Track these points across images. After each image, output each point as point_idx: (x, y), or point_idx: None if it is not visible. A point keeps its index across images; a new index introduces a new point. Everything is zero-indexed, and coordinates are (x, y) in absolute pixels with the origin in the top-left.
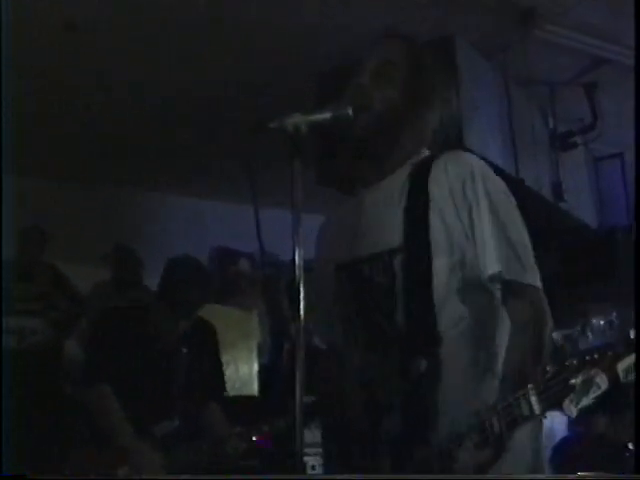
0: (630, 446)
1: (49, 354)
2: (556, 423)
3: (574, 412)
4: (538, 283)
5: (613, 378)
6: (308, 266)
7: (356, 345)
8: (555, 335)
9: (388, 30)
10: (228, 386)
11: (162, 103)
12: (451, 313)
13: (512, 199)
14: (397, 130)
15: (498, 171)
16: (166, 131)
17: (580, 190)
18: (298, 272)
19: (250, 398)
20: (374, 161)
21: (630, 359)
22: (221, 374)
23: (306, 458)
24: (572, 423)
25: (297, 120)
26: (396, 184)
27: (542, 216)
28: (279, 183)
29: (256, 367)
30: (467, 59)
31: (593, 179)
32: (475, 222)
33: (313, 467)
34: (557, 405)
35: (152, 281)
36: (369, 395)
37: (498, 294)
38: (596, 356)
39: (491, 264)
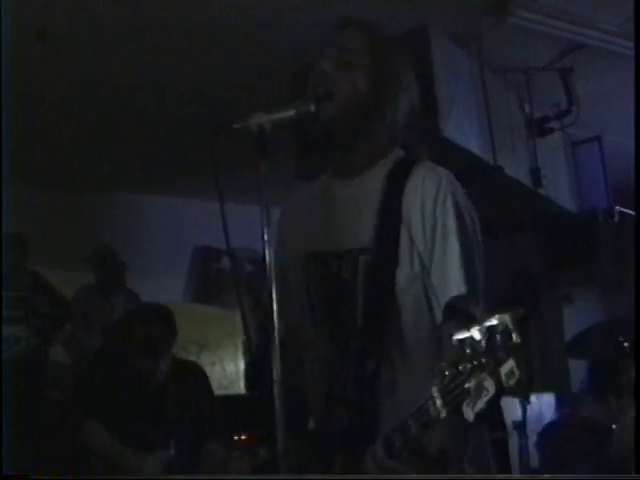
0: (614, 427)
1: (35, 361)
2: (544, 407)
3: (472, 416)
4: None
5: (498, 382)
6: (277, 240)
7: (319, 334)
8: (454, 339)
9: (345, 18)
10: (214, 385)
11: (142, 105)
12: (407, 320)
13: (478, 227)
14: (364, 119)
15: (476, 159)
16: (146, 133)
17: (558, 175)
18: (269, 270)
19: (237, 396)
20: (344, 152)
21: (510, 364)
22: (218, 412)
23: None
24: (559, 406)
25: (261, 119)
26: (372, 183)
27: (522, 203)
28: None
29: (242, 365)
30: (441, 49)
31: (571, 163)
32: (438, 241)
33: None
34: (458, 408)
35: (135, 283)
36: (324, 385)
37: (439, 314)
38: (483, 360)
39: (457, 285)
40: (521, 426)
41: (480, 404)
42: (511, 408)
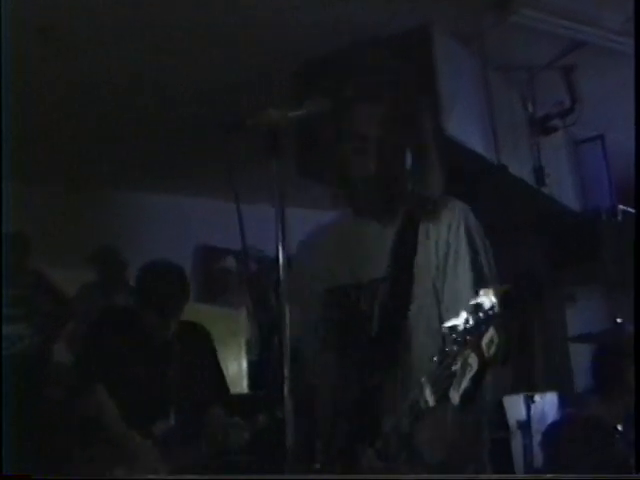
0: (619, 427)
1: (37, 360)
2: (547, 406)
3: (457, 399)
4: None
5: (480, 355)
6: (295, 269)
7: (333, 358)
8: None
9: (369, 81)
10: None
11: (143, 103)
12: (419, 344)
13: (490, 255)
14: (394, 169)
15: (480, 158)
16: (148, 132)
17: (562, 173)
18: (282, 269)
19: (240, 396)
20: (368, 195)
21: (490, 333)
22: (222, 377)
23: None
24: (562, 406)
25: (273, 117)
26: (391, 220)
27: (525, 201)
28: (265, 178)
29: (245, 364)
30: (444, 47)
31: (574, 162)
32: (450, 266)
33: None
34: (445, 394)
35: None
36: (332, 403)
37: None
38: (469, 338)
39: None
40: (525, 425)
41: (464, 383)
42: (515, 408)
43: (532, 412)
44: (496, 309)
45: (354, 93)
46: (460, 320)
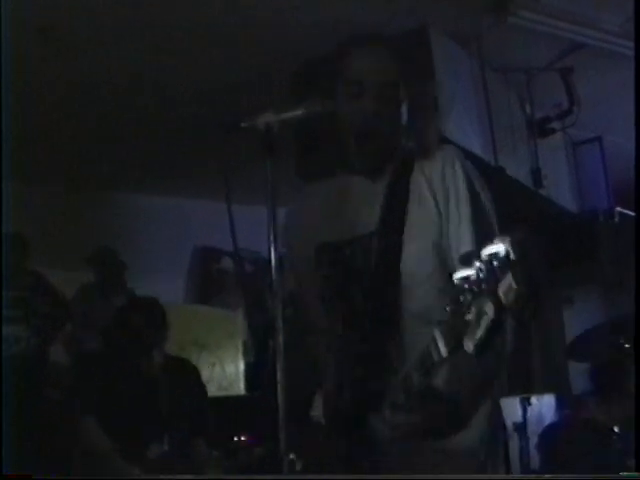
0: (616, 429)
1: (35, 361)
2: (544, 408)
3: (471, 347)
4: None
5: (497, 303)
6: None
7: (333, 319)
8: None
9: (369, 31)
10: (214, 386)
11: (143, 103)
12: (417, 296)
13: (488, 193)
14: (389, 124)
15: (477, 160)
16: (147, 132)
17: (559, 175)
18: (275, 270)
19: (237, 397)
20: (363, 151)
21: (508, 279)
22: (206, 411)
23: None
24: (559, 408)
25: (269, 118)
26: (383, 174)
27: (523, 203)
28: (261, 180)
29: (242, 366)
30: (442, 48)
31: (572, 164)
32: (452, 209)
33: None
34: (459, 344)
35: (135, 283)
36: (334, 368)
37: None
38: (484, 286)
39: (468, 244)
40: (521, 427)
41: (479, 332)
42: (511, 409)
43: (529, 414)
44: (512, 256)
45: (351, 41)
46: (474, 268)
